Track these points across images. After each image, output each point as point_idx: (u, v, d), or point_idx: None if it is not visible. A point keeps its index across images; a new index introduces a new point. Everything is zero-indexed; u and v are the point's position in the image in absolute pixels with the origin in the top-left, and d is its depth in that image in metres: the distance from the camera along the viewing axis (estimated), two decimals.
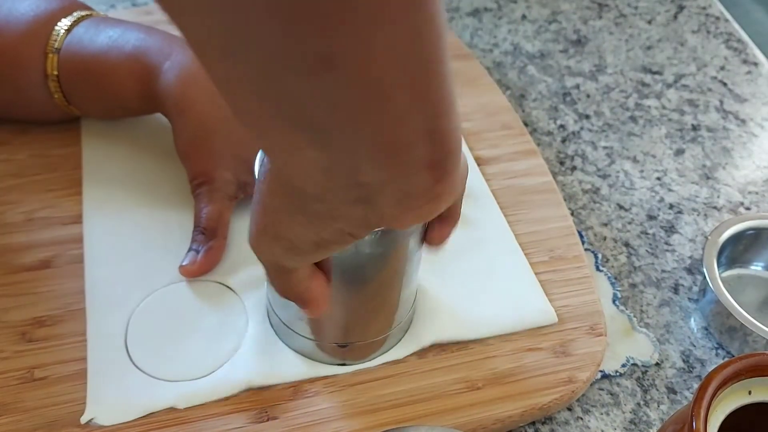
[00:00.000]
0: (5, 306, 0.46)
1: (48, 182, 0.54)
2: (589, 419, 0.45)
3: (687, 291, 0.52)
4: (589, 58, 0.72)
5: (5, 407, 0.41)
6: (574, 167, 0.61)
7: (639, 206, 0.58)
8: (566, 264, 0.50)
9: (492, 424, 0.42)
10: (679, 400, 0.46)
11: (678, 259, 0.54)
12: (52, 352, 0.44)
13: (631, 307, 0.51)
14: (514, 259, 0.51)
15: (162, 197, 0.53)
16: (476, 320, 0.46)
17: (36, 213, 0.51)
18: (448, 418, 0.42)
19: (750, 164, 0.62)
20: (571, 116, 0.65)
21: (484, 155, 0.58)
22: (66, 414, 0.41)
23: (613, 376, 0.46)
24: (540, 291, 0.49)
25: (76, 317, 0.45)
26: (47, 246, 0.49)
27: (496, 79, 0.68)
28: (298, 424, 0.41)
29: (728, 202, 0.58)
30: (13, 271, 0.48)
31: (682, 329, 0.50)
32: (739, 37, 0.76)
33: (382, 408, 0.42)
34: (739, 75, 0.71)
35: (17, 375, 0.43)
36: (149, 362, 0.44)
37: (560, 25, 0.76)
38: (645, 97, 0.68)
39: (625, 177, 0.60)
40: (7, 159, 0.55)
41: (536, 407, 0.43)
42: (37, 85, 0.52)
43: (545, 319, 0.47)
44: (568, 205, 0.57)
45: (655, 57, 0.73)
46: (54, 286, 0.47)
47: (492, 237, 0.52)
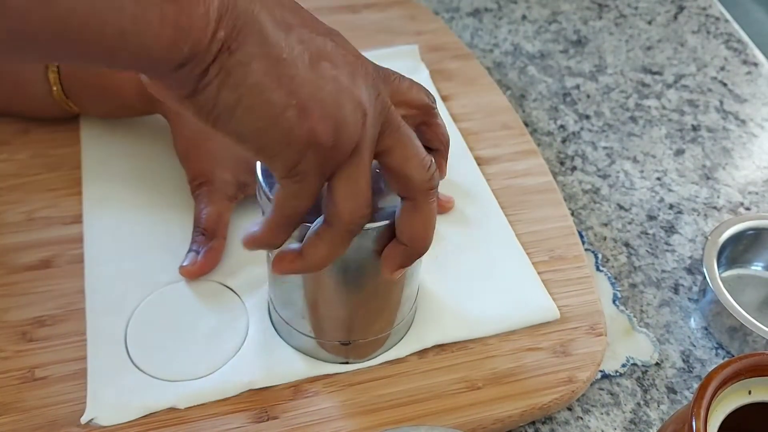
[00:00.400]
0: (6, 306, 0.46)
1: (48, 182, 0.54)
2: (589, 419, 0.45)
3: (687, 291, 0.52)
4: (590, 59, 0.72)
5: (6, 407, 0.41)
6: (574, 167, 0.61)
7: (639, 206, 0.58)
8: (566, 264, 0.50)
9: (492, 423, 0.42)
10: (679, 399, 0.46)
11: (678, 259, 0.54)
12: (52, 352, 0.44)
13: (631, 307, 0.51)
14: (515, 257, 0.51)
15: (162, 197, 0.53)
16: (479, 319, 0.46)
17: (36, 213, 0.51)
18: (448, 417, 0.42)
19: (750, 164, 0.62)
20: (571, 116, 0.65)
21: (484, 155, 0.58)
22: (66, 413, 0.41)
23: (613, 376, 0.46)
24: (542, 288, 0.49)
25: (76, 317, 0.46)
26: (48, 246, 0.49)
27: (497, 79, 0.68)
28: (298, 424, 0.41)
29: (728, 203, 0.58)
30: (13, 271, 0.48)
31: (682, 329, 0.50)
32: (739, 37, 0.76)
33: (382, 408, 0.42)
34: (739, 75, 0.71)
35: (18, 375, 0.43)
36: (149, 362, 0.44)
37: (560, 25, 0.76)
38: (645, 98, 0.68)
39: (625, 177, 0.60)
40: (8, 159, 0.55)
41: (536, 407, 0.43)
42: (36, 77, 0.52)
43: (548, 315, 0.47)
44: (569, 205, 0.57)
45: (655, 57, 0.73)
46: (54, 285, 0.47)
47: (493, 236, 0.52)
